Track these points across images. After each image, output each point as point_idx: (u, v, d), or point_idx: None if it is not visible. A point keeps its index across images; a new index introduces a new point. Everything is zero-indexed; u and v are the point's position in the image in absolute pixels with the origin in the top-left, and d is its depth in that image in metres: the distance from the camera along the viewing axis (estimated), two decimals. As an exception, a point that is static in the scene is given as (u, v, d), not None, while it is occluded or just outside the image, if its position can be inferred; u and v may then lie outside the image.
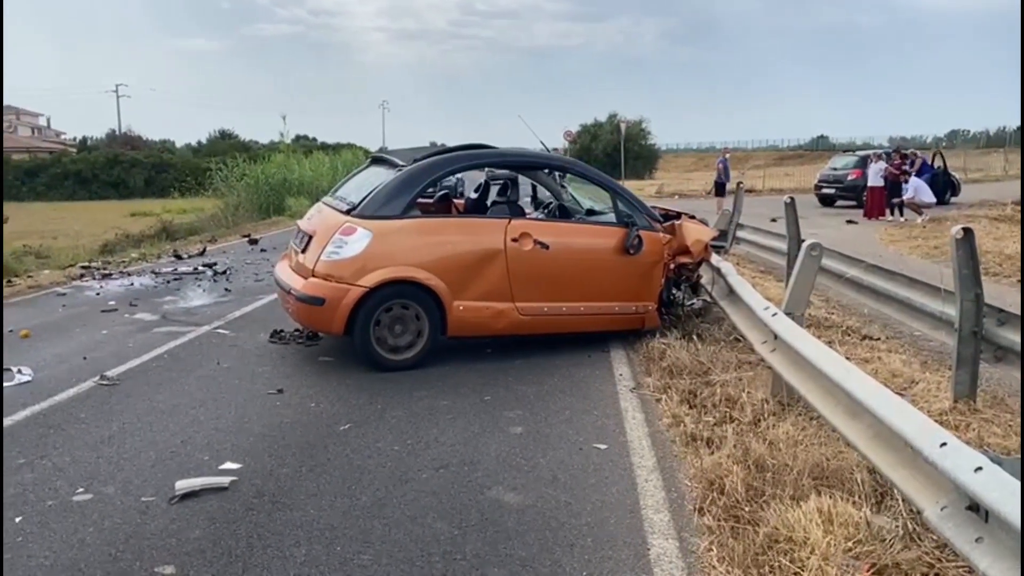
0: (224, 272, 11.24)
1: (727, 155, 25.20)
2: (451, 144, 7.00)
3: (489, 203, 7.25)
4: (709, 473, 3.98)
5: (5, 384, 5.69)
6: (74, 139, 75.62)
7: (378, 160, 6.95)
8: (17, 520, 3.59)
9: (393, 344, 5.97)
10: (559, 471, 4.20)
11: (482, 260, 6.08)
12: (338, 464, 4.24)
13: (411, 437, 4.65)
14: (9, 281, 10.95)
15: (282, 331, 7.11)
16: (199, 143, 68.22)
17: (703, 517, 3.61)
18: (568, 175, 7.60)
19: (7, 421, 4.92)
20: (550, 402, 5.34)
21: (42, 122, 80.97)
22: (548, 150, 8.00)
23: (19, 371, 5.93)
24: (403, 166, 6.24)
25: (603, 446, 4.56)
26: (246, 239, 15.97)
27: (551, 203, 7.49)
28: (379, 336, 5.92)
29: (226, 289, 9.84)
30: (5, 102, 75.25)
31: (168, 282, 10.55)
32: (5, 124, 71.80)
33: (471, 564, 3.23)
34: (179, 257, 13.35)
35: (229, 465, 4.19)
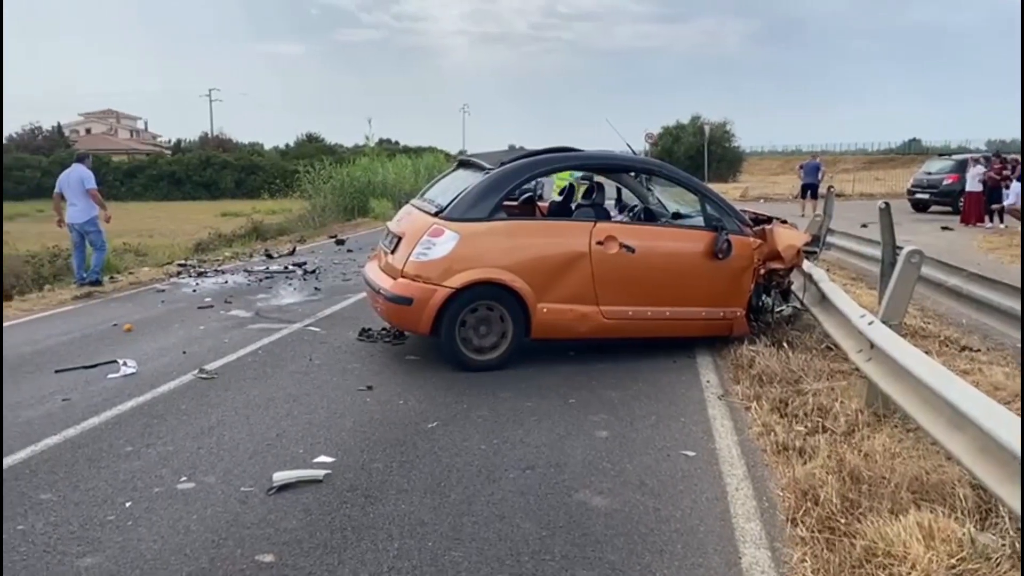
0: (313, 271, 11.55)
1: (816, 158, 24.43)
2: (531, 147, 7.03)
3: (574, 206, 7.26)
4: (802, 483, 3.89)
5: (112, 375, 5.99)
6: (169, 141, 78.80)
7: (465, 163, 7.04)
8: (127, 505, 3.78)
9: (478, 344, 6.04)
10: (646, 476, 4.17)
11: (567, 263, 6.09)
12: (427, 461, 4.32)
13: (497, 437, 4.70)
14: (112, 277, 11.52)
15: (370, 330, 7.27)
16: (287, 146, 70.17)
17: (796, 528, 3.54)
18: (654, 178, 7.54)
19: (115, 410, 5.18)
20: (635, 407, 5.31)
21: (140, 125, 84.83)
22: (634, 152, 7.95)
23: (124, 363, 6.23)
24: (490, 169, 6.30)
25: (691, 453, 4.51)
26: (333, 239, 16.37)
27: (636, 206, 7.44)
28: (464, 336, 6.00)
29: (316, 288, 10.11)
30: (108, 106, 79.14)
31: (260, 280, 10.91)
32: (106, 127, 75.50)
33: (560, 565, 3.25)
34: (270, 256, 13.78)
35: (323, 459, 4.32)
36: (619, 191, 7.65)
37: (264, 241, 17.60)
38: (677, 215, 7.30)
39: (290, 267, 12.07)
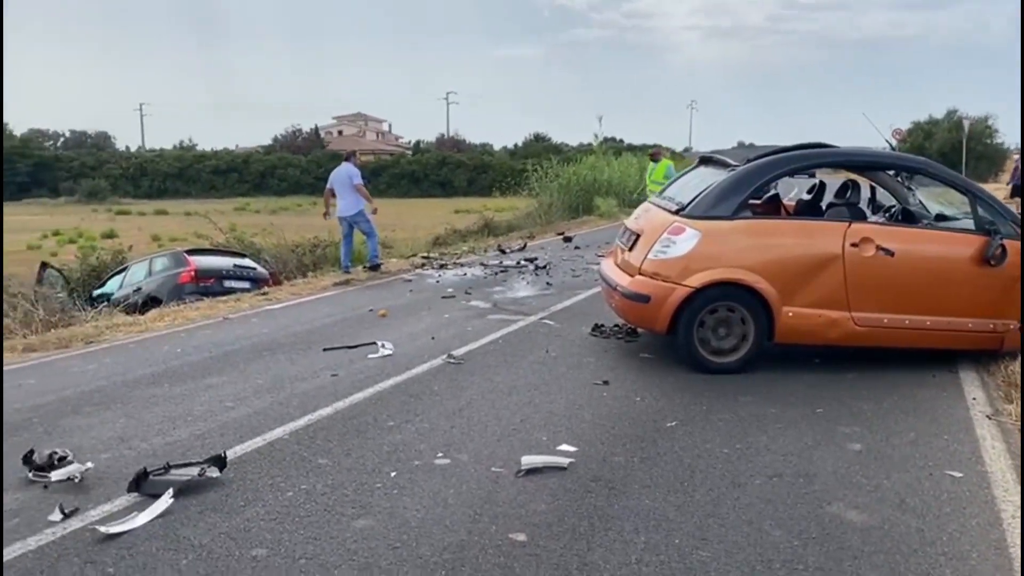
0: (544, 267, 11.89)
1: None
2: (761, 145, 6.76)
3: (824, 205, 6.89)
4: (1099, 520, 3.45)
5: (372, 356, 6.54)
6: (409, 143, 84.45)
7: (707, 160, 6.92)
8: (392, 475, 4.12)
9: (716, 346, 5.92)
10: (907, 495, 3.89)
11: (816, 265, 5.80)
12: (669, 459, 4.31)
13: (740, 442, 4.59)
14: (364, 267, 12.56)
15: (603, 326, 7.36)
16: (515, 146, 72.73)
17: (1093, 569, 3.15)
18: (915, 176, 6.98)
19: (376, 387, 5.65)
20: (891, 421, 4.96)
21: (385, 127, 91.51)
22: (892, 148, 7.40)
23: (383, 345, 6.78)
24: (735, 166, 6.15)
25: (957, 474, 4.14)
26: (560, 236, 16.73)
27: (893, 206, 6.93)
28: (703, 337, 5.90)
29: (547, 283, 10.40)
30: (358, 110, 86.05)
31: (495, 274, 11.40)
32: (356, 130, 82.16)
33: (815, 578, 3.12)
34: (503, 251, 14.35)
35: (566, 447, 4.45)
36: (873, 190, 7.15)
37: (496, 237, 18.34)
38: (941, 217, 6.70)
39: (522, 262, 12.50)
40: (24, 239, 28.47)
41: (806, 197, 7.19)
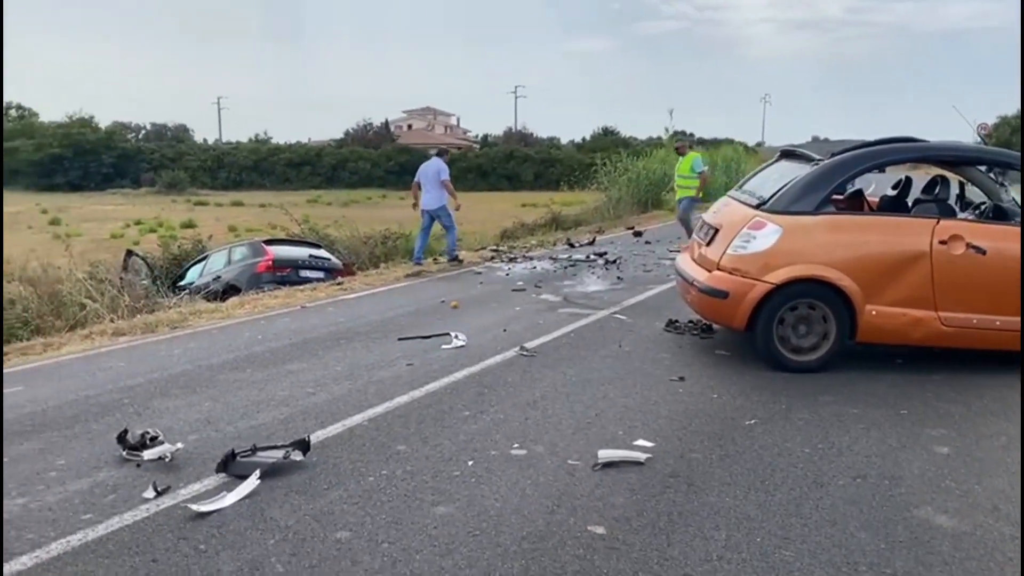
0: (614, 261, 11.82)
1: None
2: (836, 140, 6.56)
3: (910, 201, 6.68)
4: None
5: (445, 346, 6.61)
6: (477, 136, 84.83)
7: (789, 154, 6.77)
8: (469, 463, 4.16)
9: (796, 344, 5.80)
10: (1000, 501, 3.76)
11: (902, 263, 5.63)
12: (748, 457, 4.25)
13: (821, 442, 4.49)
14: (435, 259, 12.72)
15: (677, 321, 7.28)
16: (583, 139, 72.43)
17: None
18: (1009, 172, 6.71)
19: (451, 377, 5.71)
20: (980, 425, 4.79)
21: (453, 121, 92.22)
22: (984, 142, 7.12)
23: (456, 336, 6.84)
24: (819, 160, 6.00)
25: (1054, 482, 3.98)
26: (630, 231, 16.60)
27: (984, 203, 6.66)
28: (782, 335, 5.79)
29: (618, 277, 10.34)
30: (427, 104, 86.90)
31: (565, 268, 11.39)
32: (425, 123, 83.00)
33: (904, 582, 3.04)
34: (571, 245, 14.33)
35: (642, 442, 4.42)
36: (962, 186, 6.88)
37: (565, 231, 18.31)
38: (1036, 214, 6.41)
39: (592, 256, 12.45)
40: (108, 228, 29.69)
41: (891, 193, 6.97)
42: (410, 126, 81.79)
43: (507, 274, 10.92)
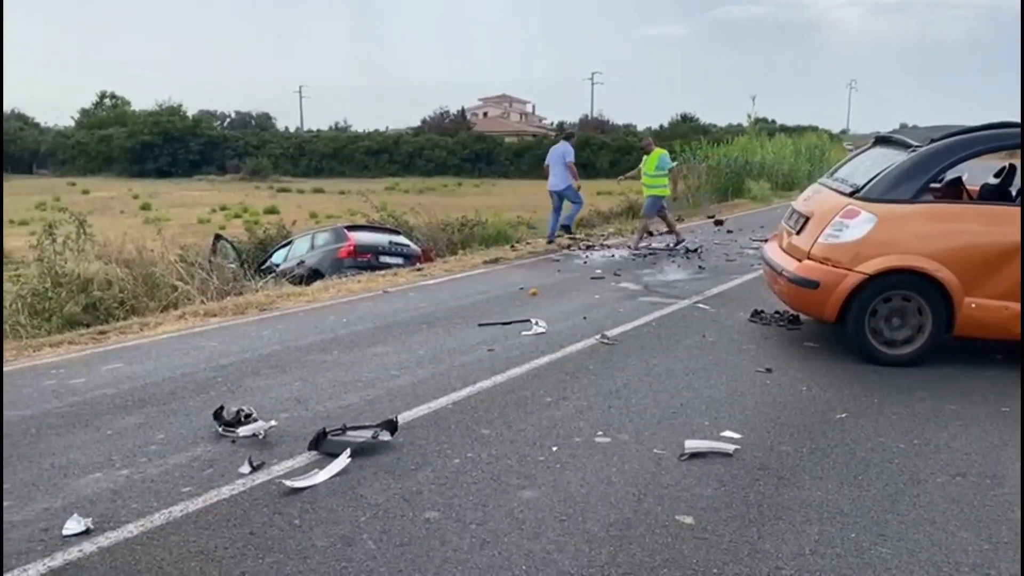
0: (695, 250, 11.64)
1: None
2: (924, 126, 6.27)
3: (1014, 190, 6.37)
4: None
5: (525, 333, 6.63)
6: (552, 124, 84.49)
7: (884, 140, 6.54)
8: (554, 449, 4.17)
9: (889, 337, 5.62)
10: (1113, 506, 3.57)
11: (1004, 254, 5.38)
12: (840, 451, 4.14)
13: (917, 437, 4.34)
14: (512, 246, 12.77)
15: (762, 312, 7.13)
16: (660, 127, 71.35)
17: None
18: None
19: (532, 363, 5.73)
20: (1090, 425, 4.55)
21: (528, 109, 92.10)
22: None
23: (536, 323, 6.86)
24: (917, 147, 5.77)
25: None
26: (711, 220, 16.30)
27: (1095, 193, 6.31)
28: (874, 327, 5.61)
29: (699, 267, 10.18)
30: (503, 91, 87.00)
31: (644, 256, 11.28)
32: (500, 111, 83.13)
33: (1012, 586, 2.92)
34: (650, 234, 14.14)
35: (730, 434, 4.35)
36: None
37: (641, 219, 18.05)
38: None
39: (672, 245, 12.29)
40: (195, 213, 30.71)
41: (993, 181, 6.66)
42: (486, 114, 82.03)
43: (585, 262, 10.88)
